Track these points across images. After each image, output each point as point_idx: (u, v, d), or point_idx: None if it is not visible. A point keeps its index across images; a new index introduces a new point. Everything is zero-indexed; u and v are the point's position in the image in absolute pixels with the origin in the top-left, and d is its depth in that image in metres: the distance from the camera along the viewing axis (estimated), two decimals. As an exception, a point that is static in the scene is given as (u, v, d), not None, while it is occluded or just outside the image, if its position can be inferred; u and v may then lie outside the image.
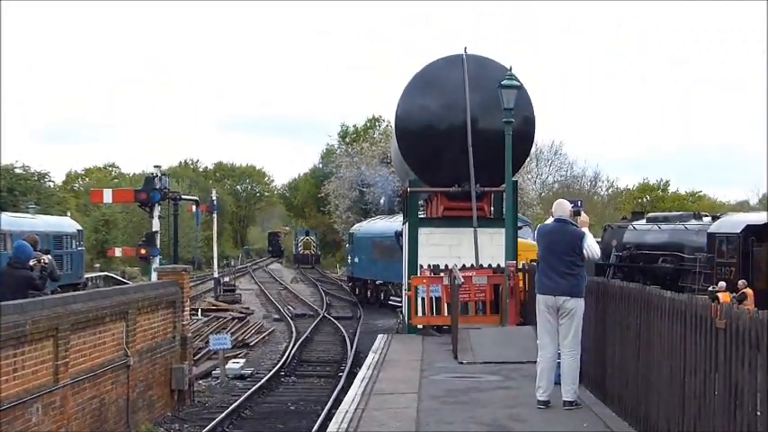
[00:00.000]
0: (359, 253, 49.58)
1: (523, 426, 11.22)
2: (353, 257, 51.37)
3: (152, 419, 18.15)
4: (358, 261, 49.73)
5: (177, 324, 20.24)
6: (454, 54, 23.36)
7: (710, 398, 8.24)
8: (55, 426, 13.87)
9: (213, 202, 53.96)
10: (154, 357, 18.68)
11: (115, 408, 16.50)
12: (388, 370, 16.17)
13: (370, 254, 46.47)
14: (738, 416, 7.57)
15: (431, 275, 21.43)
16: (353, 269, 51.63)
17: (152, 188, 31.06)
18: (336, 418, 12.08)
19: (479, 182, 22.29)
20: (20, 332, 12.83)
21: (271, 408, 20.23)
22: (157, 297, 19.35)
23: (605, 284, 13.29)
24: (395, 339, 21.04)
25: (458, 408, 12.45)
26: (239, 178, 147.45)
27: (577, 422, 11.43)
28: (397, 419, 11.73)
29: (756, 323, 7.25)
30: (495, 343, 17.14)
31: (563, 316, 12.19)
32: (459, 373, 15.50)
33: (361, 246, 49.22)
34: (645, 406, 10.53)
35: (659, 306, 9.96)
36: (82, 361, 15.04)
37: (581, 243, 12.20)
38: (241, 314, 40.76)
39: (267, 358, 28.39)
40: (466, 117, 22.32)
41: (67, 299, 15.41)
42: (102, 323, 16.06)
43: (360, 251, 49.22)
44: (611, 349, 12.32)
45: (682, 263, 35.26)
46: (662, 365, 9.81)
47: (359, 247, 49.88)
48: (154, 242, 30.93)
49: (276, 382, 23.57)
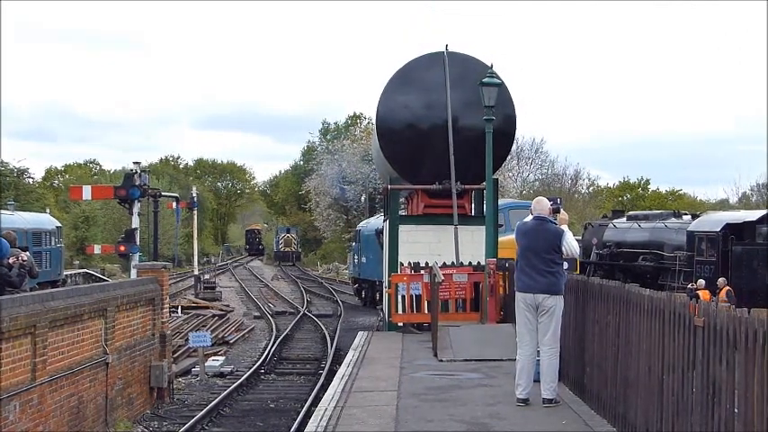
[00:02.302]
0: (367, 252, 44.29)
1: (503, 423, 11.23)
2: (360, 257, 46.53)
3: (131, 417, 18.11)
4: (366, 261, 44.93)
5: (157, 321, 20.19)
6: (435, 51, 23.37)
7: (688, 395, 8.28)
8: (32, 424, 13.82)
9: (194, 198, 53.77)
10: (133, 355, 18.64)
11: (94, 406, 16.45)
12: (367, 368, 16.17)
13: (379, 253, 40.72)
14: (716, 413, 7.60)
15: (411, 273, 21.44)
16: (360, 270, 46.91)
17: (132, 185, 30.89)
18: (316, 416, 12.07)
19: (460, 179, 22.32)
20: (-3, 330, 12.77)
21: (250, 405, 20.21)
22: (137, 294, 19.30)
23: (585, 282, 13.32)
24: (375, 337, 21.04)
25: (437, 405, 12.46)
26: (220, 175, 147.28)
27: (556, 420, 11.45)
28: (377, 417, 11.73)
29: (734, 321, 7.28)
30: (475, 341, 17.16)
31: (542, 314, 12.22)
32: (439, 371, 15.50)
33: (369, 244, 43.52)
34: (623, 404, 10.57)
35: (638, 304, 10.00)
36: (60, 358, 14.98)
37: (560, 241, 12.23)
38: (221, 312, 40.68)
39: (247, 356, 28.36)
40: (447, 115, 22.34)
41: (46, 296, 15.34)
42: (80, 321, 16.01)
43: (368, 250, 43.97)
44: (591, 347, 12.36)
45: (662, 261, 35.46)
46: (640, 363, 9.85)
47: (367, 245, 44.33)
48: (133, 239, 30.79)
49: (256, 379, 23.55)
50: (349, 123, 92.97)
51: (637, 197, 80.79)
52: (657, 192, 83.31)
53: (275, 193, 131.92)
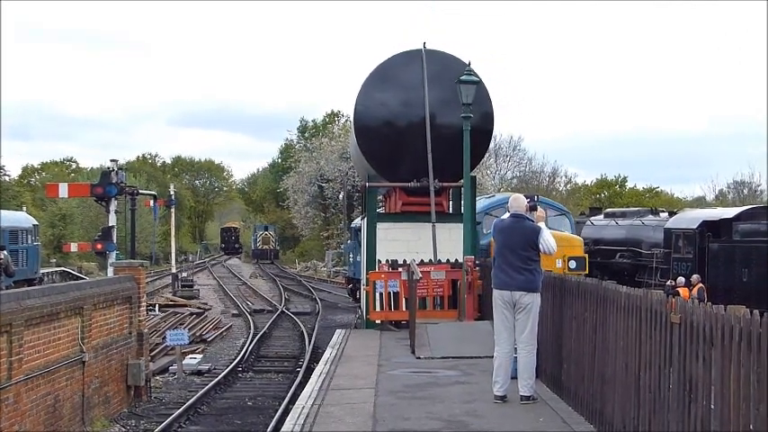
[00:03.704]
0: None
1: (480, 421, 11.24)
2: (355, 256, 40.76)
3: (108, 416, 18.06)
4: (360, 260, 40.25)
5: (134, 320, 20.15)
6: (413, 49, 23.35)
7: (665, 392, 8.29)
8: (8, 423, 13.77)
9: (171, 196, 53.83)
10: (110, 353, 18.58)
11: (70, 404, 16.40)
12: (345, 365, 16.16)
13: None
14: (693, 410, 7.61)
15: (389, 271, 21.45)
16: (356, 269, 40.76)
17: (108, 182, 30.77)
18: (293, 414, 12.05)
19: (438, 177, 22.31)
20: (-28, 328, 12.72)
21: (228, 403, 20.17)
22: (113, 293, 19.25)
23: (562, 279, 13.35)
24: (353, 334, 21.03)
25: (415, 403, 12.45)
26: (198, 173, 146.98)
27: (534, 417, 11.46)
28: (354, 415, 11.71)
29: (710, 318, 7.29)
30: (453, 338, 17.19)
31: (519, 311, 12.24)
32: (417, 368, 15.51)
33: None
34: (600, 400, 10.59)
35: (615, 301, 10.02)
36: (36, 357, 14.94)
37: (537, 238, 12.26)
38: (199, 310, 40.66)
39: (225, 354, 28.32)
40: (424, 112, 22.33)
41: (22, 294, 15.31)
42: (56, 319, 15.96)
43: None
44: (568, 344, 12.38)
45: (639, 258, 35.64)
46: (617, 360, 9.87)
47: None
48: (110, 237, 30.66)
49: (234, 377, 23.51)
50: (327, 121, 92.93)
51: (614, 195, 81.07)
52: (635, 189, 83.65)
53: (253, 191, 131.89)
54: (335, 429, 10.96)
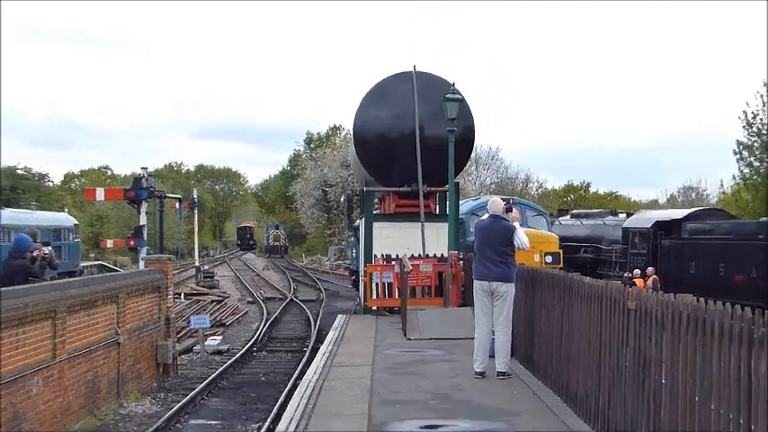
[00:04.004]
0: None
1: (462, 393, 11.26)
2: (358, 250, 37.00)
3: (140, 389, 18.05)
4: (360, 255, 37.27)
5: (162, 306, 20.13)
6: (404, 71, 23.35)
7: (622, 369, 8.32)
8: (53, 396, 13.78)
9: (194, 199, 53.74)
10: (141, 335, 18.58)
11: (107, 379, 16.40)
12: (346, 346, 16.17)
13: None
14: (646, 384, 7.64)
15: (384, 264, 21.46)
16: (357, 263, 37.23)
17: (140, 187, 30.82)
18: (300, 388, 12.07)
19: (426, 183, 22.32)
20: (22, 314, 12.73)
21: (244, 378, 20.18)
22: (145, 283, 19.24)
23: (533, 271, 13.38)
24: (352, 319, 21.04)
25: (406, 378, 12.48)
26: (217, 179, 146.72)
27: (509, 390, 11.49)
28: (353, 389, 11.73)
29: (662, 305, 7.33)
30: (439, 322, 17.18)
31: (496, 299, 12.27)
32: (408, 348, 15.52)
33: None
34: (566, 376, 10.62)
35: (579, 290, 10.04)
36: (77, 339, 14.94)
37: (512, 236, 12.29)
38: (219, 298, 40.62)
39: (241, 336, 28.29)
40: (414, 126, 22.33)
41: (64, 285, 15.30)
42: (95, 306, 15.96)
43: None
44: (539, 327, 12.41)
45: (600, 253, 35.65)
46: (581, 341, 9.89)
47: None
48: (141, 235, 30.69)
49: (249, 356, 23.50)
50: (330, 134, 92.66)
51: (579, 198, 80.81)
52: (597, 193, 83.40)
53: (266, 195, 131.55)
54: (338, 401, 10.98)
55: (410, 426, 9.47)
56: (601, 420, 9.04)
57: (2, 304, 12.10)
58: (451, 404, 10.62)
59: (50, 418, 13.63)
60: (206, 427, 15.32)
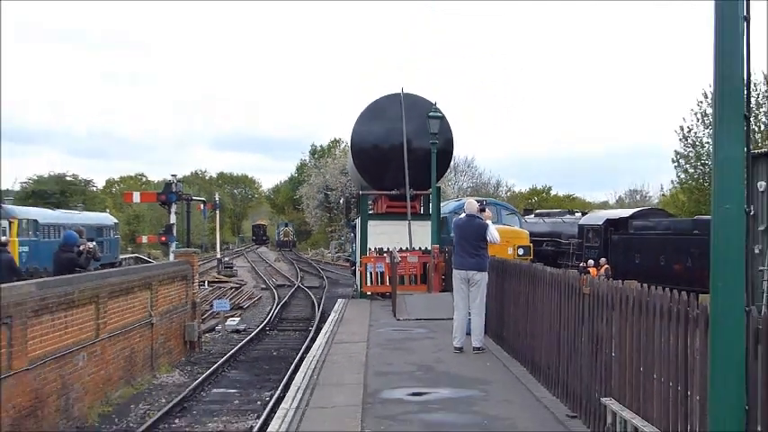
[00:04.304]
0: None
1: (443, 365, 11.27)
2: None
3: (170, 363, 18.04)
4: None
5: (189, 292, 20.12)
6: (394, 93, 23.37)
7: (578, 344, 8.34)
8: (96, 369, 13.77)
9: (216, 202, 53.65)
10: (171, 317, 18.56)
11: (142, 355, 16.38)
12: (345, 325, 16.17)
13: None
14: (598, 357, 7.66)
15: (377, 256, 21.48)
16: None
17: (170, 191, 30.88)
18: (307, 361, 12.08)
19: (412, 187, 22.35)
20: (71, 299, 12.73)
21: (259, 353, 20.15)
22: (174, 272, 19.23)
23: (504, 262, 13.40)
24: (350, 303, 21.04)
25: (396, 352, 12.49)
26: (236, 184, 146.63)
27: (482, 362, 11.51)
28: (351, 361, 11.74)
29: (612, 290, 7.34)
30: (423, 305, 17.19)
31: (472, 285, 12.28)
32: (397, 327, 15.55)
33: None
34: (531, 350, 10.64)
35: (542, 278, 10.06)
36: (117, 320, 14.93)
37: (485, 232, 12.30)
38: (237, 285, 40.55)
39: (256, 317, 28.25)
40: (403, 139, 22.36)
41: (105, 274, 15.31)
42: (132, 292, 15.95)
43: None
44: (508, 309, 12.42)
45: (560, 246, 35.68)
46: (543, 321, 9.91)
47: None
48: (171, 232, 30.72)
49: (263, 334, 23.47)
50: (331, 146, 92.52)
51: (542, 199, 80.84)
52: (557, 196, 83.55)
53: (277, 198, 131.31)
54: (338, 372, 10.98)
55: (399, 393, 9.48)
56: (560, 387, 9.05)
57: (53, 291, 12.09)
58: (434, 374, 10.63)
59: (94, 387, 13.62)
60: (226, 394, 15.31)
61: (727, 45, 3.85)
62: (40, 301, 11.66)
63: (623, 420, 6.69)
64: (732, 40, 3.85)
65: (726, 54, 3.85)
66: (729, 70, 3.86)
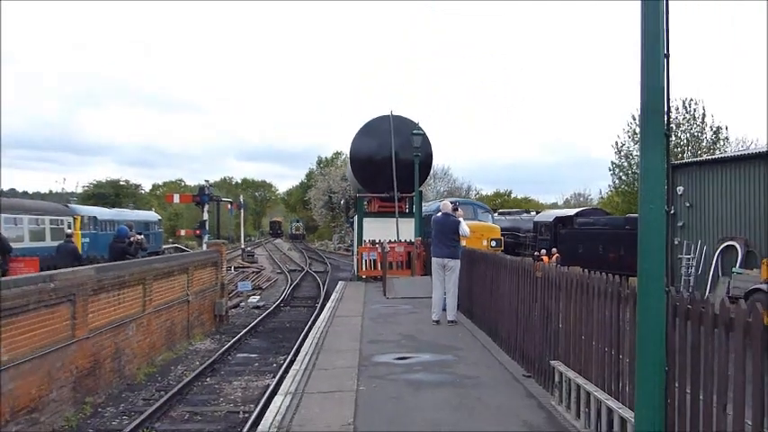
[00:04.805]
0: None
1: (424, 334, 11.28)
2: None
3: (203, 333, 18.02)
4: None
5: (218, 275, 20.08)
6: (385, 114, 23.35)
7: (533, 318, 8.36)
8: (143, 337, 13.74)
9: (241, 202, 53.56)
10: (204, 295, 18.53)
11: (180, 326, 16.36)
12: (344, 303, 16.16)
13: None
14: (549, 328, 7.68)
15: (370, 246, 21.47)
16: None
17: (203, 194, 30.71)
18: (314, 331, 12.06)
19: (400, 190, 22.33)
20: (123, 280, 12.69)
21: (275, 325, 20.13)
22: (206, 259, 19.19)
23: (473, 251, 13.41)
24: (349, 285, 21.02)
25: (386, 324, 12.48)
26: (257, 188, 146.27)
27: (456, 332, 11.52)
28: (350, 332, 11.73)
29: (559, 274, 7.37)
30: (408, 286, 17.21)
31: (447, 270, 12.31)
32: (387, 305, 15.54)
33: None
34: (495, 323, 10.65)
35: (504, 264, 10.08)
36: (160, 298, 14.91)
37: (458, 227, 12.33)
38: (257, 269, 40.50)
39: (273, 296, 28.20)
40: (391, 152, 22.34)
41: (151, 261, 15.26)
42: (172, 275, 15.91)
43: None
44: (477, 290, 12.45)
45: (518, 239, 35.71)
46: (504, 299, 9.93)
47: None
48: (204, 227, 30.57)
49: (278, 310, 23.43)
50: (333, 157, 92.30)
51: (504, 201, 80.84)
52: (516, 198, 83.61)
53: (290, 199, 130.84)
54: (338, 340, 10.98)
55: (388, 357, 9.48)
56: (518, 353, 9.07)
57: (108, 274, 12.06)
58: (416, 342, 10.63)
59: (141, 352, 13.59)
60: (248, 358, 15.28)
61: (651, 79, 3.87)
62: (97, 283, 11.64)
63: (568, 379, 6.72)
64: (655, 74, 3.87)
65: (650, 86, 3.88)
66: (653, 98, 3.88)
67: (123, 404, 11.32)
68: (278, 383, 11.41)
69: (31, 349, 9.53)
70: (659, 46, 3.87)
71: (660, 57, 3.86)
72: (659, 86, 3.86)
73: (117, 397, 11.74)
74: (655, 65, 3.85)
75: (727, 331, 4.26)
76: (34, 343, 9.61)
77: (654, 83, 3.86)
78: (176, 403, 11.26)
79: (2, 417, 8.58)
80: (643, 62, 3.88)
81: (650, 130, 3.89)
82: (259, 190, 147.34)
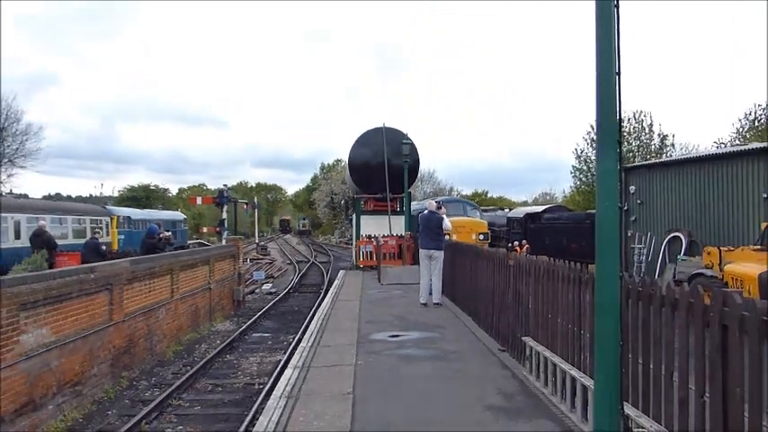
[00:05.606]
0: None
1: (413, 315, 11.27)
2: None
3: (223, 316, 17.98)
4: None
5: (236, 266, 20.05)
6: (378, 126, 23.32)
7: (506, 301, 8.36)
8: (171, 320, 13.70)
9: (255, 203, 53.36)
10: (224, 283, 18.49)
11: (203, 310, 16.32)
12: (344, 289, 16.13)
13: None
14: (520, 309, 7.69)
15: (367, 240, 21.45)
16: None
17: (222, 196, 30.63)
18: (318, 314, 12.04)
19: (391, 192, 22.32)
20: (153, 271, 12.64)
21: (285, 309, 20.11)
22: (225, 253, 19.14)
23: (455, 243, 13.41)
24: (348, 273, 20.98)
25: (381, 307, 12.47)
26: (269, 191, 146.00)
27: (441, 313, 11.51)
28: (349, 314, 11.72)
29: (529, 262, 7.37)
30: (399, 274, 17.20)
31: (433, 260, 12.30)
32: (381, 290, 15.52)
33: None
34: (474, 305, 10.66)
35: (482, 254, 10.08)
36: (185, 286, 14.86)
37: (441, 223, 12.32)
38: (270, 261, 40.42)
39: (283, 283, 28.16)
40: (384, 159, 22.32)
41: (178, 254, 15.21)
42: (196, 266, 15.87)
43: None
44: (458, 276, 12.45)
45: (494, 232, 35.70)
46: (482, 285, 9.93)
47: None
48: (224, 225, 30.46)
49: (288, 296, 23.40)
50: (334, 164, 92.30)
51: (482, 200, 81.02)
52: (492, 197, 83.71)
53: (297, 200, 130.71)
54: (339, 321, 10.96)
55: (382, 335, 9.47)
56: (494, 330, 9.08)
57: (141, 266, 12.01)
58: (407, 323, 10.63)
59: (169, 333, 13.56)
60: (262, 337, 15.27)
61: (604, 93, 3.88)
62: (131, 273, 11.60)
63: (537, 352, 6.73)
64: (608, 90, 3.87)
65: (604, 100, 3.88)
66: (607, 110, 3.88)
67: (155, 378, 11.30)
68: (288, 359, 11.41)
69: (75, 331, 9.50)
70: (611, 65, 3.87)
71: (612, 74, 3.86)
72: (612, 102, 3.87)
73: (149, 372, 11.71)
74: (608, 81, 3.86)
75: (673, 310, 4.29)
76: (78, 325, 9.59)
77: (607, 97, 3.87)
78: (200, 377, 11.25)
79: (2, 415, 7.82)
80: (598, 79, 3.89)
81: (605, 139, 3.90)
82: (271, 192, 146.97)
